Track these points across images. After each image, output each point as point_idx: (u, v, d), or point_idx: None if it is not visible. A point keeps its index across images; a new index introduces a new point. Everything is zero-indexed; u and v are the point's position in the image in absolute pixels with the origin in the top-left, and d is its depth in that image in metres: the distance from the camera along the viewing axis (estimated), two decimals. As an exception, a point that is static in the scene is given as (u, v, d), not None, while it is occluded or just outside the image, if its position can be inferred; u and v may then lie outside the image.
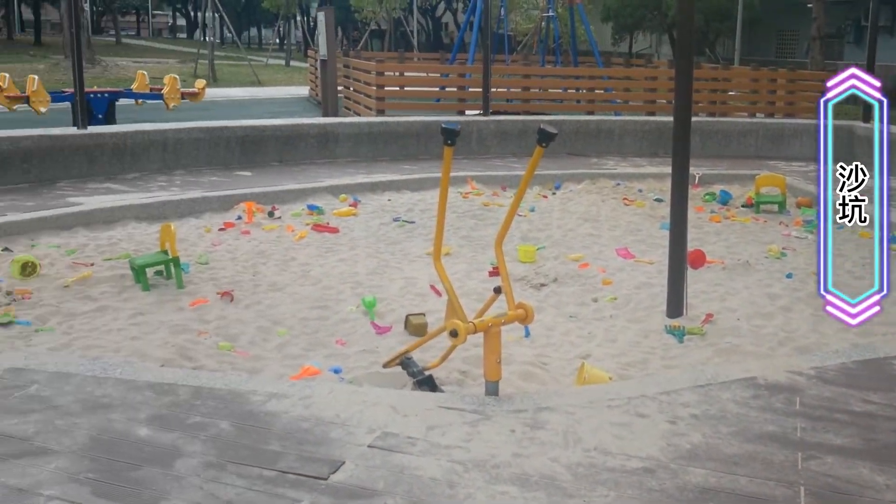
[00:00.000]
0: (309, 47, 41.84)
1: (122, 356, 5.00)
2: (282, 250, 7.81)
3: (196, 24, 66.89)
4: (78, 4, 11.95)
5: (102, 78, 29.30)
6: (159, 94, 16.11)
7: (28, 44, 53.52)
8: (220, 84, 31.60)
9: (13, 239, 7.70)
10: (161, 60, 42.68)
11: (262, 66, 41.52)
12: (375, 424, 3.66)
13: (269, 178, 10.86)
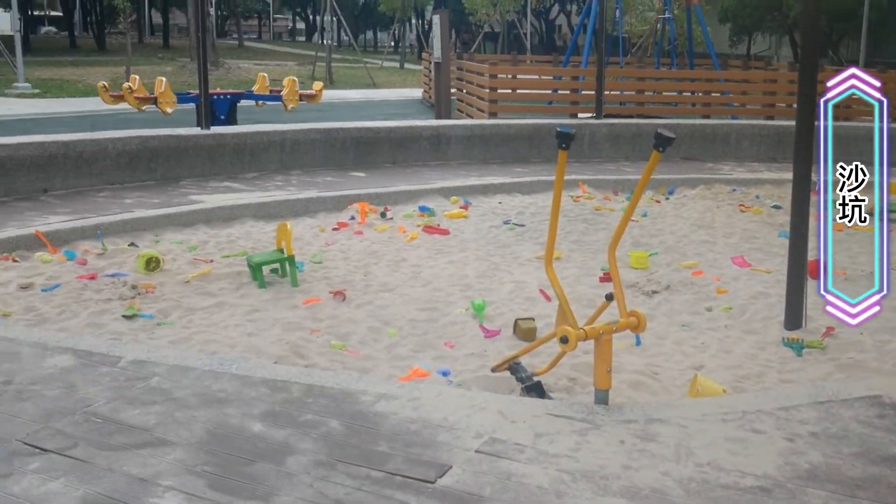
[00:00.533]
0: (423, 50, 42.25)
1: (238, 352, 5.14)
2: (393, 251, 7.89)
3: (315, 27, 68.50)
4: (204, 9, 12.39)
5: (225, 80, 30.30)
6: (278, 95, 16.51)
7: (157, 47, 55.83)
8: (337, 86, 32.23)
9: (139, 234, 8.04)
10: (281, 63, 43.84)
11: (377, 69, 42.14)
12: (483, 429, 3.65)
13: (381, 179, 11.00)
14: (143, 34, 64.17)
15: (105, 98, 15.57)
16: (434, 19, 19.99)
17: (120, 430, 3.62)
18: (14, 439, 3.52)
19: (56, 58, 42.14)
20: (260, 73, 18.26)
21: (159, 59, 42.41)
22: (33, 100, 24.45)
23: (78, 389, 4.05)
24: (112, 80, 23.24)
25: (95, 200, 9.08)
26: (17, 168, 9.11)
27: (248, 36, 75.74)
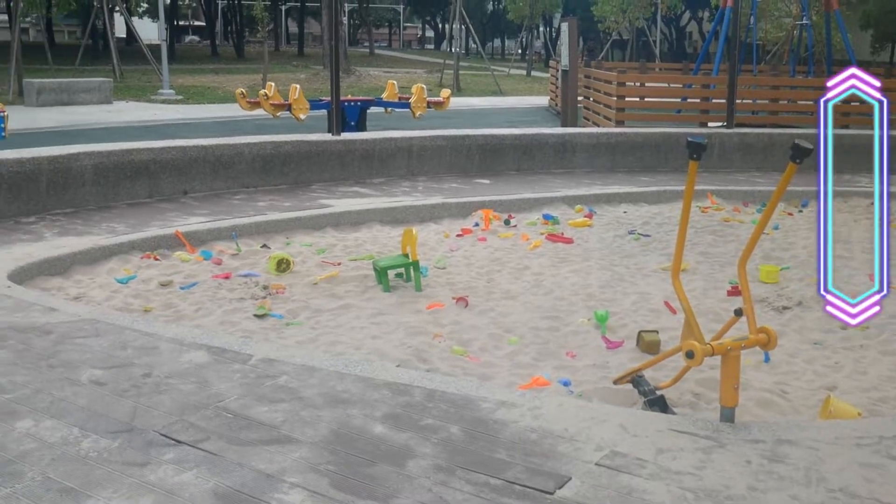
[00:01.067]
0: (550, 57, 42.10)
1: (363, 354, 5.25)
2: (516, 258, 7.90)
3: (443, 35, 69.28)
4: (337, 19, 12.72)
5: (356, 87, 31.03)
6: (407, 102, 16.78)
7: (292, 55, 57.72)
8: (464, 94, 32.50)
9: (271, 236, 8.33)
10: (409, 71, 44.56)
11: (504, 77, 42.28)
12: (604, 442, 3.61)
13: (506, 187, 11.02)
14: (280, 43, 66.47)
15: (242, 104, 16.20)
16: (562, 26, 19.91)
17: (249, 425, 3.76)
18: (151, 430, 3.70)
19: (198, 66, 44.13)
20: (389, 80, 18.60)
21: (294, 67, 43.81)
22: (176, 106, 25.66)
23: (211, 385, 4.23)
24: (249, 87, 24.17)
25: (231, 203, 9.46)
26: (160, 171, 9.59)
27: (379, 44, 77.33)
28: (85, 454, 3.47)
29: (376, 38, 74.46)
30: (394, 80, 18.94)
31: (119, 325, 5.17)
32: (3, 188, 8.30)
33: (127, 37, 46.72)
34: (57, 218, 8.45)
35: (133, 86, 31.13)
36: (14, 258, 6.79)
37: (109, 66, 34.62)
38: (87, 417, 3.83)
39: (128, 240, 7.61)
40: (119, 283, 6.74)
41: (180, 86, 30.80)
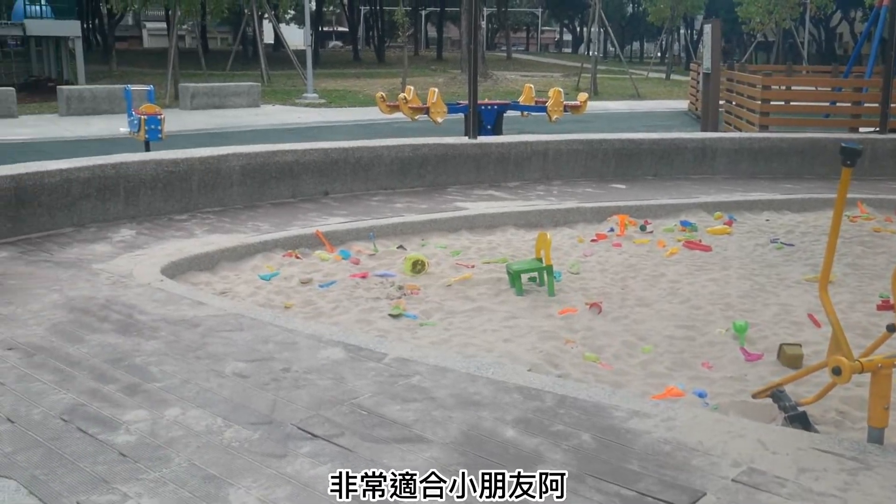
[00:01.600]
0: (691, 60, 41.09)
1: (494, 357, 5.26)
2: (651, 265, 7.75)
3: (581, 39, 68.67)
4: (476, 23, 12.82)
5: (493, 91, 31.17)
6: (543, 106, 16.71)
7: (431, 59, 58.50)
8: (601, 97, 32.14)
9: (407, 238, 8.47)
10: (546, 74, 44.39)
11: (643, 80, 41.55)
12: (741, 458, 3.49)
13: (642, 192, 10.83)
14: (419, 47, 67.51)
15: (382, 108, 16.52)
16: (705, 28, 19.37)
17: (382, 423, 3.83)
18: (290, 423, 3.83)
19: (341, 70, 45.35)
20: (526, 84, 18.58)
21: (432, 71, 44.40)
22: (319, 109, 26.44)
23: (346, 381, 4.34)
24: (389, 90, 24.65)
25: (369, 204, 9.67)
26: (303, 172, 9.91)
27: (516, 48, 77.40)
28: (227, 443, 3.63)
29: (514, 42, 74.55)
30: (530, 83, 18.89)
31: (261, 320, 5.38)
32: (158, 187, 8.77)
33: (274, 43, 48.49)
34: (207, 216, 8.87)
35: (279, 89, 32.29)
36: (167, 254, 7.16)
37: (258, 70, 36.04)
38: (231, 408, 4.00)
39: (271, 238, 7.90)
40: (262, 279, 7.01)
41: (323, 89, 31.74)
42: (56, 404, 4.03)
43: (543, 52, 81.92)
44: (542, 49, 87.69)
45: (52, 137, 18.29)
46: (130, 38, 73.04)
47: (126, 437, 3.69)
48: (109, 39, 45.35)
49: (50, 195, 7.92)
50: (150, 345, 4.89)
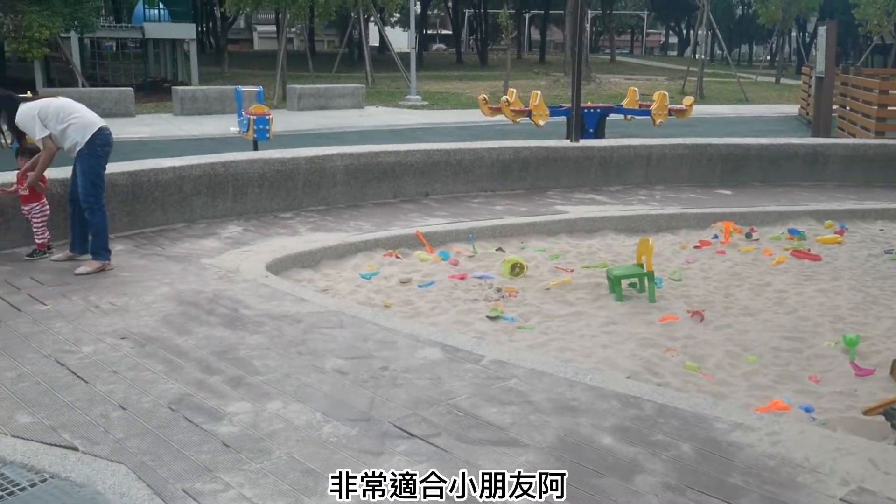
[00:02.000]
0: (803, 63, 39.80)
1: (592, 362, 5.21)
2: (757, 274, 7.53)
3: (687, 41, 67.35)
4: (581, 26, 12.71)
5: (595, 94, 30.86)
6: (647, 109, 16.46)
7: (533, 62, 58.32)
8: (707, 101, 31.44)
9: (506, 240, 8.46)
10: (651, 77, 43.70)
11: (751, 83, 40.45)
12: (850, 477, 3.36)
13: (749, 199, 10.54)
14: (522, 50, 67.35)
15: (484, 110, 16.56)
16: (819, 30, 18.72)
17: (478, 425, 3.84)
18: (387, 421, 3.87)
19: (443, 72, 45.65)
20: (630, 87, 18.33)
21: (535, 74, 44.24)
22: (422, 111, 26.68)
23: (443, 382, 4.36)
24: (491, 93, 24.67)
25: (469, 205, 9.70)
26: (405, 173, 10.01)
27: (621, 51, 76.43)
28: (326, 438, 3.69)
29: (618, 45, 73.62)
30: (635, 86, 18.63)
31: (361, 318, 5.45)
32: (265, 185, 9.00)
33: (379, 45, 49.17)
34: (311, 214, 9.05)
35: (383, 91, 32.72)
36: (272, 250, 7.34)
37: (363, 72, 36.61)
38: (330, 404, 4.07)
39: (372, 238, 8.01)
40: (363, 278, 7.11)
41: (426, 91, 32.00)
42: (165, 393, 4.18)
43: (648, 55, 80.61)
44: (646, 52, 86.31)
45: (166, 136, 19.00)
46: (242, 40, 75.25)
47: (229, 427, 3.80)
48: (222, 42, 46.83)
49: (163, 191, 8.22)
50: (254, 339, 5.02)
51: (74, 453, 3.55)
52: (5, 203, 7.06)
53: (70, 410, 3.98)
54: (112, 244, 6.82)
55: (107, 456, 3.53)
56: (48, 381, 4.35)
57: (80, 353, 4.76)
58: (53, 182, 7.12)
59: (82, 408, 4.00)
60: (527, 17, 71.00)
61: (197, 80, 31.66)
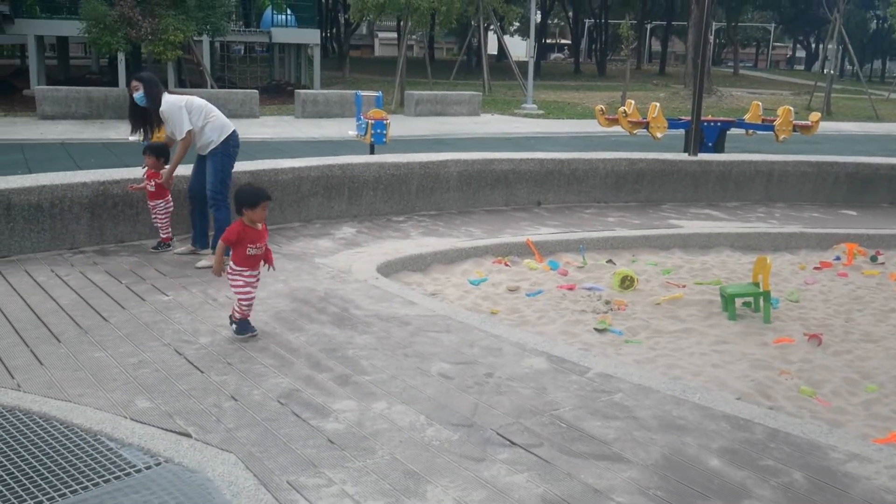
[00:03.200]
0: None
1: (701, 381, 5.08)
2: (881, 299, 7.20)
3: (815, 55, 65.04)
4: (705, 38, 12.44)
5: (716, 107, 30.13)
6: (770, 125, 15.94)
7: (653, 73, 57.40)
8: (834, 118, 30.28)
9: (617, 252, 8.34)
10: (775, 92, 42.40)
11: (883, 101, 38.73)
12: (975, 518, 3.17)
13: (876, 220, 10.09)
14: (642, 61, 66.35)
15: (601, 121, 16.37)
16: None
17: (581, 438, 3.80)
18: (489, 428, 3.88)
19: (561, 82, 45.44)
20: (754, 101, 17.81)
21: (654, 85, 43.55)
22: (537, 120, 26.60)
23: (548, 392, 4.33)
24: (608, 104, 24.42)
25: (581, 216, 9.62)
26: (517, 181, 10.01)
27: (744, 64, 74.42)
28: (428, 441, 3.72)
29: (742, 58, 71.72)
30: (758, 101, 18.09)
31: (468, 323, 5.48)
32: (380, 188, 9.15)
33: (498, 53, 49.31)
34: (423, 219, 9.15)
35: (499, 99, 32.79)
36: (384, 252, 7.45)
37: (480, 80, 36.80)
38: (434, 407, 4.10)
39: (482, 244, 8.03)
40: (471, 284, 7.13)
41: (542, 101, 31.91)
42: (275, 387, 4.30)
43: (773, 69, 78.12)
44: (771, 66, 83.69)
45: (287, 137, 19.53)
46: (363, 46, 76.80)
47: (335, 424, 3.87)
48: (344, 47, 47.90)
49: (282, 191, 8.45)
50: (362, 339, 5.11)
51: (188, 440, 3.69)
52: (136, 197, 7.41)
53: (185, 398, 4.13)
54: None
55: (218, 444, 3.65)
56: (166, 368, 4.53)
57: (198, 343, 4.94)
58: (177, 179, 7.41)
59: (197, 396, 4.16)
60: (648, 28, 69.97)
61: (319, 83, 32.43)
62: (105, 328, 5.17)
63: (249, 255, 4.99)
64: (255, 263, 5.06)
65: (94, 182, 7.30)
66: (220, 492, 3.27)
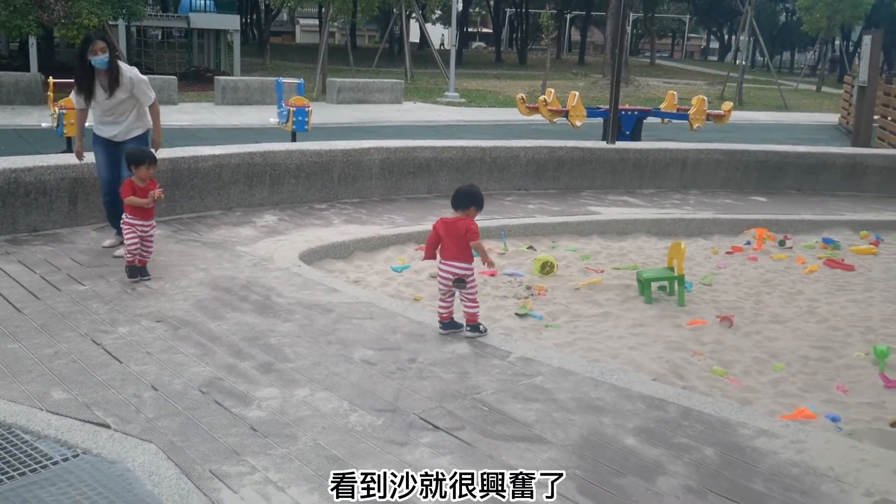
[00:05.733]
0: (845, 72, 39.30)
1: (619, 363, 5.22)
2: (789, 282, 7.49)
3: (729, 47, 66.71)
4: (623, 28, 12.67)
5: (633, 97, 30.70)
6: (685, 114, 16.37)
7: (573, 63, 58.11)
8: (746, 107, 31.15)
9: (537, 239, 8.48)
10: (690, 82, 43.38)
11: (791, 91, 40.00)
12: (874, 488, 3.35)
13: (784, 206, 10.47)
14: (562, 51, 67.10)
15: (521, 109, 16.56)
16: (864, 39, 18.50)
17: (502, 420, 3.87)
18: (412, 412, 3.92)
19: (482, 70, 45.63)
20: (669, 90, 18.22)
21: (573, 75, 44.11)
22: (459, 108, 26.70)
23: (470, 376, 4.40)
24: (529, 92, 24.65)
25: (503, 203, 9.73)
26: (440, 169, 10.06)
27: (661, 54, 75.84)
28: (352, 427, 3.75)
29: (658, 48, 73.07)
30: (674, 90, 18.52)
31: (391, 310, 5.51)
32: (302, 176, 9.09)
33: (420, 42, 49.25)
34: (345, 206, 9.13)
35: (421, 87, 32.79)
36: (306, 240, 7.42)
37: (402, 68, 36.71)
38: (357, 393, 4.13)
39: (405, 231, 8.06)
40: (394, 271, 7.16)
41: (464, 89, 32.02)
42: (196, 376, 4.26)
43: (688, 60, 79.85)
44: (686, 56, 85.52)
45: (206, 124, 19.19)
46: (284, 33, 75.78)
47: (258, 412, 3.87)
48: (265, 34, 47.14)
49: (202, 179, 8.34)
50: (285, 326, 5.10)
51: (106, 431, 3.64)
52: (49, 184, 7.21)
53: (104, 389, 4.07)
54: (150, 229, 6.92)
55: (138, 434, 3.61)
56: (84, 359, 4.45)
57: (116, 333, 4.86)
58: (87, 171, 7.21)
59: (116, 387, 4.10)
60: (568, 18, 70.76)
61: (239, 70, 31.90)
62: (18, 319, 5.05)
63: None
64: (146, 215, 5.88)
65: (5, 169, 7.08)
66: (140, 482, 3.24)
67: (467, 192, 5.06)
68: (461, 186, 5.16)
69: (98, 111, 6.64)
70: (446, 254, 5.04)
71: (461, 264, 5.00)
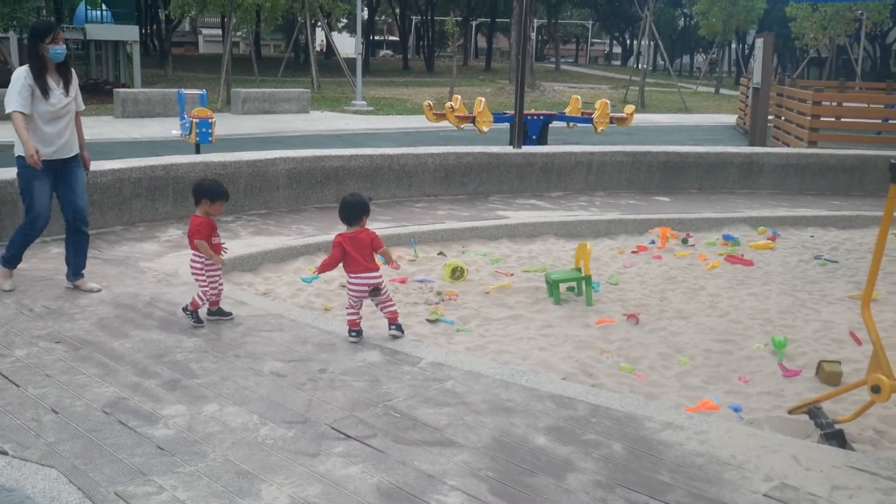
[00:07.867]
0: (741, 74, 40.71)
1: (529, 364, 5.28)
2: (692, 278, 7.70)
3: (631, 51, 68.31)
4: (526, 34, 12.84)
5: (539, 101, 31.12)
6: (589, 117, 16.67)
7: (480, 69, 58.61)
8: (648, 110, 31.93)
9: (448, 244, 8.52)
10: (594, 86, 44.24)
11: (692, 93, 41.22)
12: (774, 473, 3.47)
13: (686, 205, 10.76)
14: (469, 57, 67.64)
15: (429, 116, 16.60)
16: (757, 42, 19.19)
17: (415, 426, 3.88)
18: (324, 423, 3.89)
19: (390, 78, 45.61)
20: (573, 95, 18.55)
21: (480, 81, 44.46)
22: (367, 116, 26.63)
23: (381, 384, 4.39)
24: (436, 99, 24.73)
25: (412, 210, 9.74)
26: (348, 177, 10.01)
27: (565, 59, 77.26)
28: (262, 440, 3.70)
29: (563, 54, 74.42)
30: (578, 95, 18.85)
31: (301, 321, 5.46)
32: (205, 189, 8.91)
33: (326, 50, 48.97)
34: (252, 218, 9.00)
35: (329, 96, 32.58)
36: (211, 254, 7.27)
37: (308, 77, 36.40)
38: (267, 406, 4.07)
39: (314, 241, 8.00)
40: (304, 282, 7.10)
41: (372, 97, 31.95)
42: (99, 397, 4.14)
43: (592, 65, 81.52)
44: (591, 61, 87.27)
45: (106, 138, 18.68)
46: (187, 43, 74.34)
47: (164, 430, 3.78)
48: (166, 44, 46.16)
49: (102, 194, 8.11)
50: (191, 342, 5.00)
51: (3, 458, 3.50)
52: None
53: (0, 415, 3.92)
54: (48, 247, 6.72)
55: (37, 460, 3.49)
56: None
57: (13, 356, 4.68)
58: None
59: (13, 412, 3.95)
60: (473, 25, 71.39)
61: (140, 82, 31.14)
62: None
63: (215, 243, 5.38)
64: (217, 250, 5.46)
65: None
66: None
67: (356, 202, 5.15)
68: (346, 199, 5.19)
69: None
70: (356, 267, 5.04)
71: (373, 274, 5.03)
